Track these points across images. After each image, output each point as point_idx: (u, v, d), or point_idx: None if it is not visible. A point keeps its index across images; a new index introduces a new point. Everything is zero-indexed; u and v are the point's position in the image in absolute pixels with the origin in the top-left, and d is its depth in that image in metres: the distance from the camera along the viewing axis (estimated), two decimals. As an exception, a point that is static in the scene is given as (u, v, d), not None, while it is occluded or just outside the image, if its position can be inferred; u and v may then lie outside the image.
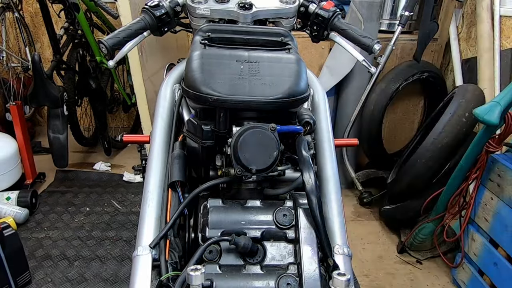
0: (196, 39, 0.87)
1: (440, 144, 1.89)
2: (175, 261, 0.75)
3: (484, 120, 1.48)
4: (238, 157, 0.70)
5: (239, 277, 0.66)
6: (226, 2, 1.00)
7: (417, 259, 2.12)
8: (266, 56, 0.82)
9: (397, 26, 2.24)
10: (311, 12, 1.06)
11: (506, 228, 1.60)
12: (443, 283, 1.98)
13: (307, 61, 2.40)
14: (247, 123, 0.75)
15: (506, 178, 1.60)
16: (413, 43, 2.41)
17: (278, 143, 0.72)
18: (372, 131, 2.46)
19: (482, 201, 1.76)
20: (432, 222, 2.02)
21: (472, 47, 2.32)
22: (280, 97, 0.74)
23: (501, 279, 1.64)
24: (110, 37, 0.95)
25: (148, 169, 0.83)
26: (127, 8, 1.92)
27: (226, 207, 0.73)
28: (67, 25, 2.57)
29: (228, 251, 0.69)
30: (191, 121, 0.81)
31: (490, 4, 2.04)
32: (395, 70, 2.43)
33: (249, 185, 0.78)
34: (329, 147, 0.90)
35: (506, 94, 1.48)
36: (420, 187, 2.05)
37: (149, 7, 0.99)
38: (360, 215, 2.53)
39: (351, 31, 1.04)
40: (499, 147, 1.64)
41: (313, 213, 0.68)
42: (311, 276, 0.64)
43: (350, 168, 2.62)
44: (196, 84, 0.74)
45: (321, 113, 0.97)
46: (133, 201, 2.43)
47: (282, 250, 0.71)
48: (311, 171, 0.71)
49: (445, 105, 2.09)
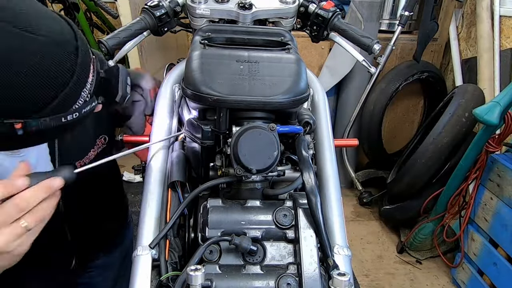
0: (196, 39, 0.87)
1: (440, 144, 1.89)
2: (175, 261, 0.75)
3: (484, 120, 1.49)
4: (238, 157, 0.70)
5: (239, 277, 0.66)
6: (226, 2, 1.00)
7: (416, 259, 2.13)
8: (266, 56, 0.82)
9: (397, 26, 2.24)
10: (311, 12, 1.06)
11: (506, 228, 1.60)
12: (443, 283, 1.98)
13: (307, 61, 2.40)
14: (247, 123, 0.75)
15: (505, 178, 1.60)
16: (413, 43, 2.41)
17: (278, 143, 0.71)
18: (372, 131, 2.46)
19: (481, 201, 1.76)
20: (432, 222, 2.03)
21: (472, 47, 2.32)
22: (280, 97, 0.74)
23: (500, 279, 1.64)
24: (110, 37, 0.95)
25: (148, 169, 0.83)
26: (127, 8, 1.92)
27: (226, 207, 0.73)
28: (67, 25, 2.57)
29: (228, 251, 0.69)
30: (191, 121, 0.81)
31: (490, 4, 2.04)
32: (395, 70, 2.43)
33: (249, 185, 0.78)
34: (329, 147, 0.90)
35: (506, 94, 1.49)
36: (420, 187, 2.05)
37: (149, 7, 0.99)
38: (360, 215, 2.53)
39: (351, 31, 1.04)
40: (499, 147, 1.64)
41: (313, 213, 0.68)
42: (311, 276, 0.64)
43: (350, 168, 2.62)
44: (196, 84, 0.74)
45: (321, 113, 0.97)
46: (133, 201, 2.43)
47: (282, 250, 0.71)
48: (311, 171, 0.71)
49: (445, 105, 2.09)
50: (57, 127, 0.61)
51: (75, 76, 0.60)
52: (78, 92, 0.62)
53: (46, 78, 0.56)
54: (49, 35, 0.57)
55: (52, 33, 0.58)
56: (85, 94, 0.64)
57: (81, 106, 0.64)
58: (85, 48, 0.63)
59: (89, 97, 0.65)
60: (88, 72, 0.64)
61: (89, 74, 0.64)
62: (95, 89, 0.67)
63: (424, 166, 1.95)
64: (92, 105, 0.67)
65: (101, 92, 0.70)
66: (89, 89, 0.64)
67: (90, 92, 0.65)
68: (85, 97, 0.64)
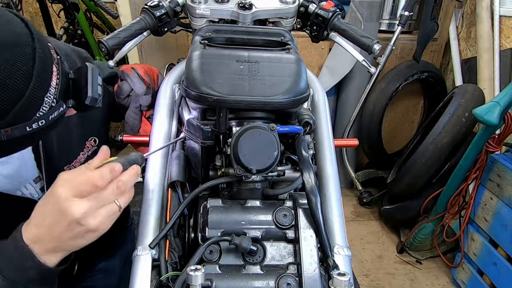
0: (196, 39, 0.87)
1: (440, 144, 1.89)
2: (175, 261, 0.75)
3: (483, 120, 1.49)
4: (238, 157, 0.70)
5: (239, 277, 0.66)
6: (226, 2, 1.00)
7: (416, 259, 2.13)
8: (266, 56, 0.82)
9: (397, 26, 2.24)
10: (311, 12, 1.06)
11: (506, 228, 1.60)
12: (443, 283, 1.98)
13: (307, 61, 2.40)
14: (247, 123, 0.75)
15: (505, 178, 1.60)
16: (413, 43, 2.41)
17: (278, 143, 0.72)
18: (372, 131, 2.46)
19: (481, 201, 1.76)
20: (431, 222, 2.03)
21: (472, 47, 2.32)
22: (280, 97, 0.74)
23: (500, 279, 1.64)
24: (110, 37, 0.95)
25: (148, 169, 0.83)
26: (127, 8, 1.92)
27: (226, 207, 0.73)
28: (67, 25, 2.57)
29: (228, 251, 0.69)
30: (191, 121, 0.81)
31: (490, 4, 2.04)
32: (394, 70, 2.43)
33: (249, 185, 0.78)
34: (329, 147, 0.90)
35: (505, 94, 1.49)
36: (420, 187, 2.05)
37: (149, 7, 0.99)
38: (359, 215, 2.53)
39: (351, 31, 1.04)
40: (499, 147, 1.64)
41: (313, 213, 0.68)
42: (311, 276, 0.64)
43: (350, 168, 2.62)
44: (196, 84, 0.74)
45: (321, 113, 0.97)
46: (133, 201, 2.42)
47: (282, 250, 0.71)
48: (311, 171, 0.71)
49: (445, 105, 2.09)
50: (23, 137, 0.58)
51: (32, 82, 0.55)
52: (40, 99, 0.58)
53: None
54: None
55: (1, 36, 0.53)
56: (50, 100, 0.59)
57: (47, 113, 0.60)
58: (44, 49, 0.58)
59: (56, 102, 0.61)
60: (50, 75, 0.59)
61: (52, 77, 0.59)
62: (63, 92, 0.63)
63: (424, 166, 1.95)
64: (60, 110, 0.63)
65: (71, 95, 0.66)
66: (53, 93, 0.60)
67: (55, 96, 0.61)
68: (50, 102, 0.60)
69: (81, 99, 0.66)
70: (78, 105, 0.67)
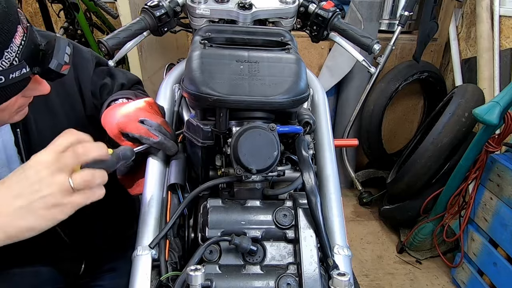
0: (195, 39, 0.87)
1: (440, 144, 1.89)
2: (175, 261, 0.75)
3: (483, 120, 1.49)
4: (238, 157, 0.70)
5: (239, 277, 0.66)
6: (226, 2, 1.00)
7: (416, 259, 2.13)
8: (266, 56, 0.82)
9: (397, 26, 2.24)
10: (311, 12, 1.06)
11: (506, 228, 1.61)
12: (443, 283, 1.98)
13: (307, 61, 2.40)
14: (247, 123, 0.75)
15: (505, 178, 1.60)
16: (413, 43, 2.41)
17: (278, 143, 0.72)
18: (372, 131, 2.46)
19: (481, 201, 1.76)
20: (431, 222, 2.03)
21: (472, 47, 2.32)
22: (280, 97, 0.74)
23: (500, 279, 1.64)
24: (110, 37, 0.95)
25: (148, 169, 0.83)
26: (126, 8, 1.92)
27: (226, 207, 0.73)
28: (67, 25, 2.57)
29: (228, 251, 0.69)
30: (191, 121, 0.81)
31: (490, 4, 2.04)
32: (394, 70, 2.43)
33: (249, 185, 0.78)
34: (329, 147, 0.90)
35: (505, 94, 1.49)
36: (419, 187, 2.05)
37: (149, 7, 0.99)
38: (359, 215, 2.53)
39: (351, 31, 1.04)
40: (499, 147, 1.64)
41: (313, 213, 0.68)
42: (311, 276, 0.64)
43: (350, 168, 2.62)
44: (196, 84, 0.74)
45: (321, 113, 0.97)
46: (133, 201, 2.43)
47: (282, 250, 0.71)
48: (311, 171, 0.71)
49: (445, 105, 2.09)
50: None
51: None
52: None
53: None
54: None
55: None
56: (11, 56, 0.61)
57: (7, 69, 0.61)
58: (9, 5, 0.61)
59: (18, 61, 0.63)
60: (13, 32, 0.61)
61: (15, 35, 0.62)
62: (30, 58, 0.65)
63: (424, 166, 1.95)
64: (23, 71, 0.64)
65: (39, 64, 0.68)
66: (16, 51, 0.62)
67: (18, 56, 0.63)
68: (12, 59, 0.62)
69: (46, 66, 0.68)
70: (43, 70, 0.68)
